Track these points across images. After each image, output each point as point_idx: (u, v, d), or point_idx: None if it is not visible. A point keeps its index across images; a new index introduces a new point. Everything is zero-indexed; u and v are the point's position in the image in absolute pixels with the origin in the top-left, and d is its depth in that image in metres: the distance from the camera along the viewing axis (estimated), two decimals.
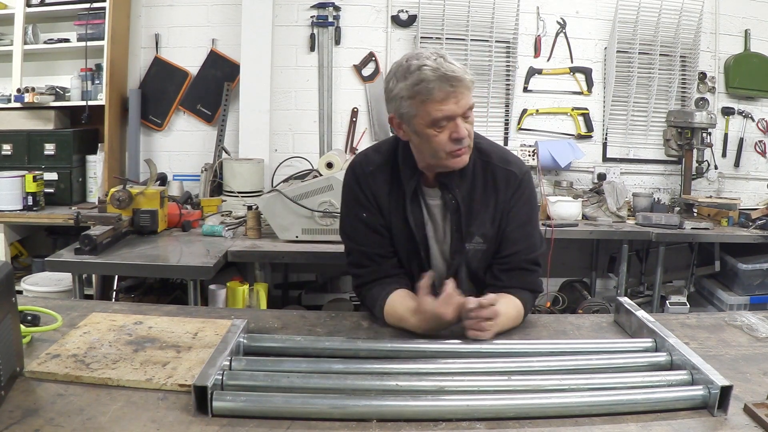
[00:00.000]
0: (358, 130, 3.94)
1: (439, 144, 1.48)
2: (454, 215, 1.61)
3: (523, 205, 1.64)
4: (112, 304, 1.78)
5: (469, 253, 1.63)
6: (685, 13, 3.92)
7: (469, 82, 1.45)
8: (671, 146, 4.00)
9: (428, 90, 1.42)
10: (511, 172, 1.62)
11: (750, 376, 1.28)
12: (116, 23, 3.57)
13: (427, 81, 1.42)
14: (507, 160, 1.65)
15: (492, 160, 1.63)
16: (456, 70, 1.43)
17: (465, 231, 1.61)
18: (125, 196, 2.76)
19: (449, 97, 1.43)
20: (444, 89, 1.42)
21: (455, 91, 1.43)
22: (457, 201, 1.60)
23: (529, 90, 3.99)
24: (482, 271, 1.67)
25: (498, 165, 1.62)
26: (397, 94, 1.48)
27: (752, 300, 3.51)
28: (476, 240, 1.62)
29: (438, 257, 1.68)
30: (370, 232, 1.63)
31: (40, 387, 1.15)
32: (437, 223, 1.66)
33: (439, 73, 1.41)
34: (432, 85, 1.42)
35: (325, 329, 1.53)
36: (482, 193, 1.61)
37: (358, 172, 1.65)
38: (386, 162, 1.64)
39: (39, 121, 3.57)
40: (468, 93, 1.46)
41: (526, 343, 1.43)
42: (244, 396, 1.09)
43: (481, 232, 1.62)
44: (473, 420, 1.08)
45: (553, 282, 3.78)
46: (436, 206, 1.65)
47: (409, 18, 3.86)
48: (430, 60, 1.43)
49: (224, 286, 2.75)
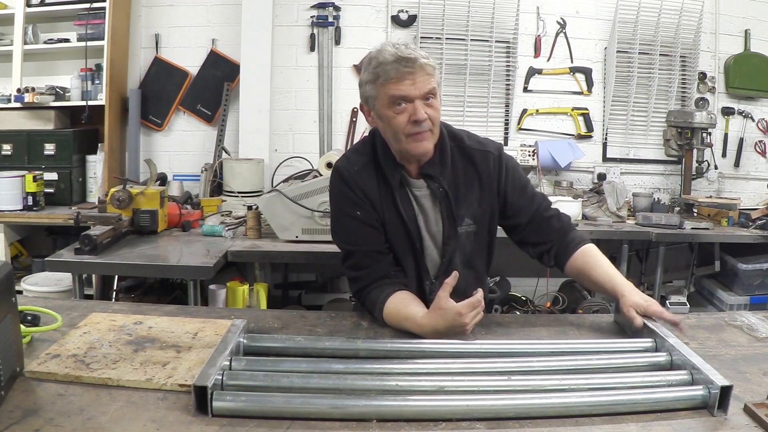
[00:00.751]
0: (358, 130, 3.94)
1: (399, 125, 1.55)
2: (444, 201, 1.66)
3: (512, 176, 1.72)
4: (112, 304, 1.78)
5: (462, 237, 1.69)
6: (685, 13, 3.92)
7: (426, 65, 1.52)
8: (671, 146, 4.00)
9: (385, 71, 1.51)
10: (487, 152, 1.71)
11: (750, 376, 1.28)
12: (116, 23, 3.57)
13: (385, 63, 1.51)
14: (479, 142, 1.73)
15: (465, 143, 1.71)
16: (412, 53, 1.51)
17: (456, 214, 1.66)
18: (125, 196, 2.76)
19: (405, 77, 1.50)
20: (399, 70, 1.50)
21: (411, 72, 1.50)
22: (444, 188, 1.65)
23: (529, 90, 3.99)
24: (476, 256, 1.73)
25: (473, 147, 1.70)
26: (362, 81, 1.58)
27: (752, 300, 3.51)
28: (466, 222, 1.69)
29: (431, 247, 1.71)
30: (366, 228, 1.64)
31: (40, 387, 1.15)
32: (427, 213, 1.69)
33: (396, 56, 1.50)
34: (389, 67, 1.50)
35: (325, 329, 1.53)
36: (464, 175, 1.68)
37: (344, 173, 1.67)
38: (369, 161, 1.68)
39: (39, 121, 3.57)
40: (427, 78, 1.52)
41: (526, 343, 1.43)
42: (244, 396, 1.09)
43: (470, 212, 1.69)
44: (473, 420, 1.08)
45: (553, 282, 3.78)
46: (424, 197, 1.68)
47: (409, 18, 3.86)
48: (391, 47, 1.52)
49: (224, 286, 2.75)
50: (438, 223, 1.69)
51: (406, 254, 1.69)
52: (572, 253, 1.67)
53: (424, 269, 1.71)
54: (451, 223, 1.67)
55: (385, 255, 1.66)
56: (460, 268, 1.69)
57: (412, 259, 1.69)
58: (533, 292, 3.76)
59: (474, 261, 1.75)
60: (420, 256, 1.69)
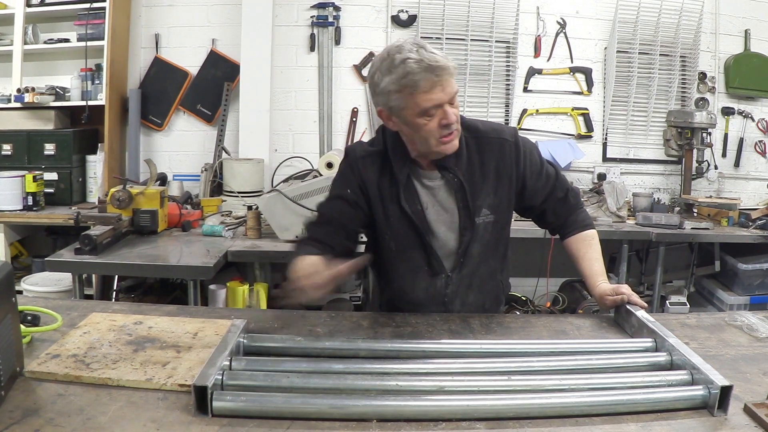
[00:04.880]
0: (358, 130, 3.94)
1: (430, 132, 1.54)
2: (459, 192, 1.65)
3: (530, 161, 1.72)
4: (112, 304, 1.78)
5: (480, 227, 1.68)
6: (685, 13, 3.92)
7: (452, 69, 1.51)
8: (671, 146, 4.00)
9: (415, 82, 1.47)
10: (504, 140, 1.70)
11: (750, 376, 1.28)
12: (116, 23, 3.57)
13: (413, 73, 1.46)
14: (494, 129, 1.72)
15: (481, 132, 1.69)
16: (438, 59, 1.48)
17: (472, 205, 1.65)
18: (125, 196, 2.76)
19: (435, 86, 1.48)
20: (430, 79, 1.47)
21: (441, 80, 1.48)
22: (459, 179, 1.64)
23: (529, 90, 3.99)
24: (493, 247, 1.73)
25: (489, 136, 1.69)
26: (385, 89, 1.52)
27: (752, 300, 3.51)
28: (484, 212, 1.68)
29: (447, 237, 1.69)
30: (346, 205, 1.66)
31: (40, 387, 1.15)
32: (443, 204, 1.68)
33: (424, 64, 1.46)
34: (418, 77, 1.46)
35: (325, 329, 1.53)
36: (480, 165, 1.67)
37: (351, 156, 1.70)
38: (377, 152, 1.68)
39: (39, 121, 3.57)
40: (451, 79, 1.51)
41: (526, 343, 1.43)
42: (244, 396, 1.09)
43: (487, 203, 1.68)
44: (473, 420, 1.08)
45: (553, 282, 3.78)
46: (439, 187, 1.67)
47: (409, 18, 3.86)
48: (413, 52, 1.47)
49: (224, 286, 2.76)
50: (454, 214, 1.67)
51: (413, 248, 1.68)
52: (570, 235, 1.79)
53: (438, 263, 1.69)
54: (467, 213, 1.66)
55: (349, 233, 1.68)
56: (477, 259, 1.70)
57: (422, 253, 1.68)
58: (533, 292, 3.76)
59: (491, 252, 1.73)
60: (430, 249, 1.67)
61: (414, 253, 1.68)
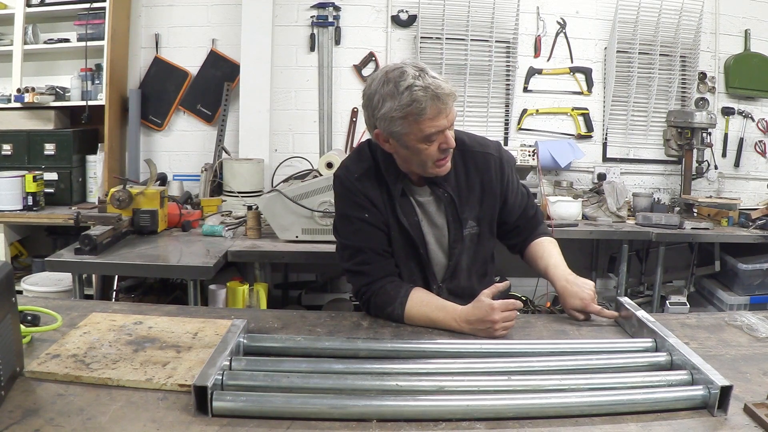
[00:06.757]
0: (358, 130, 3.94)
1: (429, 156, 1.55)
2: (449, 206, 1.67)
3: (511, 178, 1.77)
4: (112, 304, 1.78)
5: (467, 240, 1.70)
6: (685, 13, 3.92)
7: (455, 95, 1.51)
8: (671, 146, 4.00)
9: (421, 110, 1.47)
10: (489, 155, 1.72)
11: (750, 376, 1.28)
12: (116, 23, 3.56)
13: (419, 101, 1.46)
14: (480, 143, 1.75)
15: (467, 146, 1.71)
16: (443, 85, 1.47)
17: (461, 218, 1.68)
18: (125, 196, 2.76)
19: (440, 113, 1.49)
20: (436, 107, 1.47)
21: (446, 107, 1.49)
22: (449, 193, 1.66)
23: (529, 90, 3.98)
24: (481, 257, 1.76)
25: (475, 150, 1.72)
26: (387, 114, 1.50)
27: (752, 300, 3.51)
28: (470, 224, 1.71)
29: (438, 251, 1.72)
30: (374, 230, 1.65)
31: (40, 387, 1.15)
32: (432, 219, 1.70)
33: (430, 92, 1.45)
34: (424, 105, 1.46)
35: (325, 329, 1.53)
36: (466, 179, 1.69)
37: (345, 182, 1.66)
38: (369, 168, 1.67)
39: (39, 121, 3.57)
40: (453, 104, 1.52)
41: (526, 343, 1.43)
42: (244, 396, 1.09)
43: (473, 215, 1.71)
44: (473, 420, 1.08)
45: None
46: (428, 202, 1.69)
47: (409, 18, 3.86)
48: (418, 79, 1.46)
49: (224, 286, 2.75)
50: (444, 227, 1.70)
51: (409, 260, 1.70)
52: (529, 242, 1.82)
53: (431, 275, 1.72)
54: (457, 226, 1.68)
55: (390, 256, 1.67)
56: (466, 270, 1.73)
57: (417, 265, 1.71)
58: (533, 292, 3.76)
59: (479, 262, 1.77)
60: (425, 261, 1.70)
61: (410, 265, 1.70)
